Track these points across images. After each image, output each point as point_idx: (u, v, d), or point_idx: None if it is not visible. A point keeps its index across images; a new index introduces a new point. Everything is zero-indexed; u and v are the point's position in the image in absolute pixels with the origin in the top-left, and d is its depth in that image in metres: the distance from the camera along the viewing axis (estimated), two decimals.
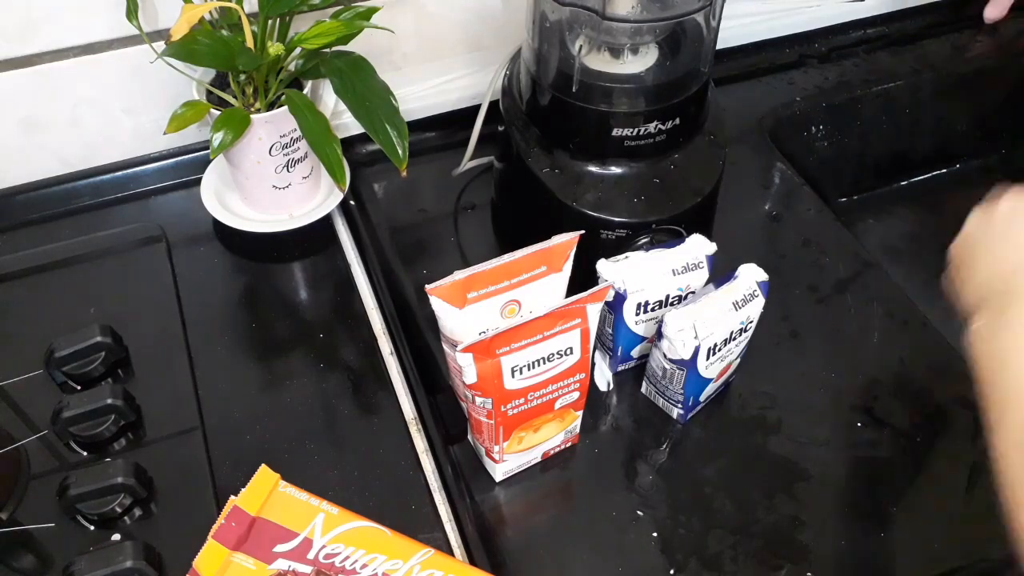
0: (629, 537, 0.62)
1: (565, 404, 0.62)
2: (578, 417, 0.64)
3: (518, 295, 0.59)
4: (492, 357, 0.55)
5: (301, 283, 0.78)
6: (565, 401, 0.61)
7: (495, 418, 0.59)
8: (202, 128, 0.75)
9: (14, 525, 0.60)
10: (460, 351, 0.54)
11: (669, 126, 0.67)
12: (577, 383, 0.61)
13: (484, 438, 0.62)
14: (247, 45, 0.66)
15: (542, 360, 0.57)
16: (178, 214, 0.81)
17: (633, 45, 0.68)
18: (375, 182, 0.84)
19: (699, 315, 0.61)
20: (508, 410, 0.59)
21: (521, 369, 0.57)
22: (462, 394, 0.61)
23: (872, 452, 0.67)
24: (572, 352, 0.58)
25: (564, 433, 0.65)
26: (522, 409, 0.59)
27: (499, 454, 0.62)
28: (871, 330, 0.74)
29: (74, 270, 0.76)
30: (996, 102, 1.04)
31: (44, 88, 0.76)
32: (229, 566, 0.54)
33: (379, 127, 0.67)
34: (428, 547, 0.56)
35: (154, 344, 0.70)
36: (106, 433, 0.64)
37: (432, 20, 0.85)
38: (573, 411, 0.63)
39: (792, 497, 0.64)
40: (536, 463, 0.66)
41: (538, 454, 0.65)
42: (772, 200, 0.86)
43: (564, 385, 0.60)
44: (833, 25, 1.00)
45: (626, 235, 0.68)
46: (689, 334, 0.61)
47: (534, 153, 0.70)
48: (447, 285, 0.57)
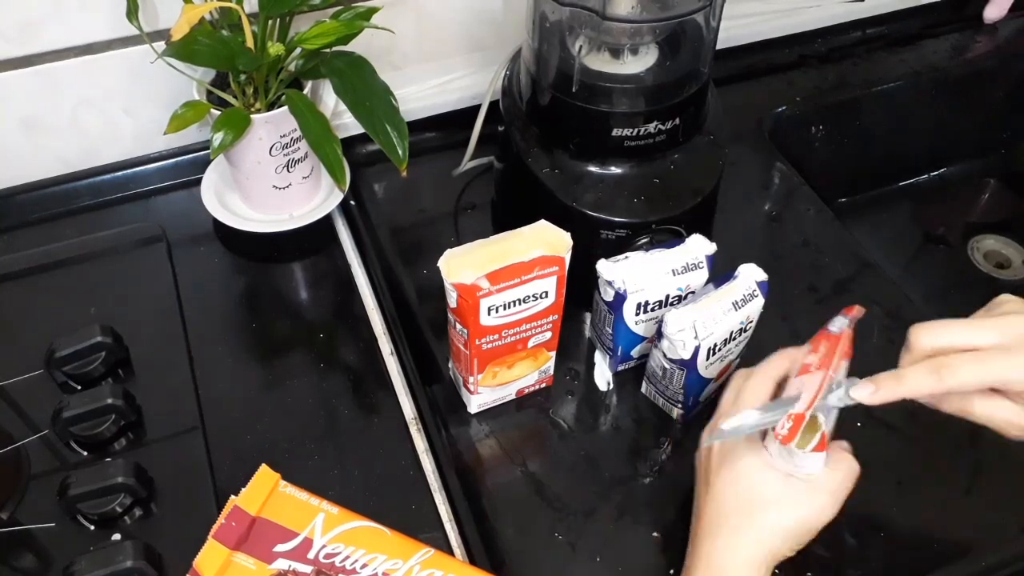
0: (629, 537, 0.62)
1: (538, 343, 0.65)
2: (551, 358, 0.68)
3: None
4: (471, 297, 0.58)
5: (301, 283, 0.78)
6: (538, 340, 0.64)
7: (470, 349, 0.61)
8: (202, 128, 0.75)
9: (14, 525, 0.60)
10: (448, 282, 0.58)
11: (669, 126, 0.67)
12: (550, 324, 0.63)
13: (462, 367, 0.65)
14: (247, 45, 0.66)
15: (518, 301, 0.60)
16: (178, 214, 0.81)
17: (633, 45, 0.68)
18: (375, 182, 0.84)
19: (699, 315, 0.61)
20: (482, 344, 0.61)
21: (497, 308, 0.59)
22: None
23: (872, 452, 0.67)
24: (547, 296, 0.61)
25: (538, 373, 0.68)
26: (496, 345, 0.62)
27: (474, 385, 0.65)
28: (871, 330, 0.74)
29: (74, 270, 0.76)
30: (996, 102, 1.04)
31: (44, 88, 0.76)
32: (229, 566, 0.54)
33: (379, 127, 0.67)
34: (428, 547, 0.56)
35: (154, 344, 0.70)
36: (106, 433, 0.64)
37: (432, 20, 0.85)
38: (546, 351, 0.66)
39: None
40: (510, 399, 0.69)
41: (512, 391, 0.68)
42: (772, 200, 0.86)
43: (537, 325, 0.63)
44: (833, 25, 1.00)
45: (626, 235, 0.68)
46: (689, 334, 0.61)
47: (534, 153, 0.70)
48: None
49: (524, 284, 0.59)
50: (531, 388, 0.69)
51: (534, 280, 0.59)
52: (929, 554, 0.62)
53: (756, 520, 0.52)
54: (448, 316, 0.62)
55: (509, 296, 0.59)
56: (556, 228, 0.60)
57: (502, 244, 0.59)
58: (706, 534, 0.54)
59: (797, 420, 0.51)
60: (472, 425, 0.68)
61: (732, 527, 0.53)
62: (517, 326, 0.62)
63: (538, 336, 0.64)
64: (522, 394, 0.69)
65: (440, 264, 0.58)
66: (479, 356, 0.63)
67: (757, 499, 0.53)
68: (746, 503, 0.53)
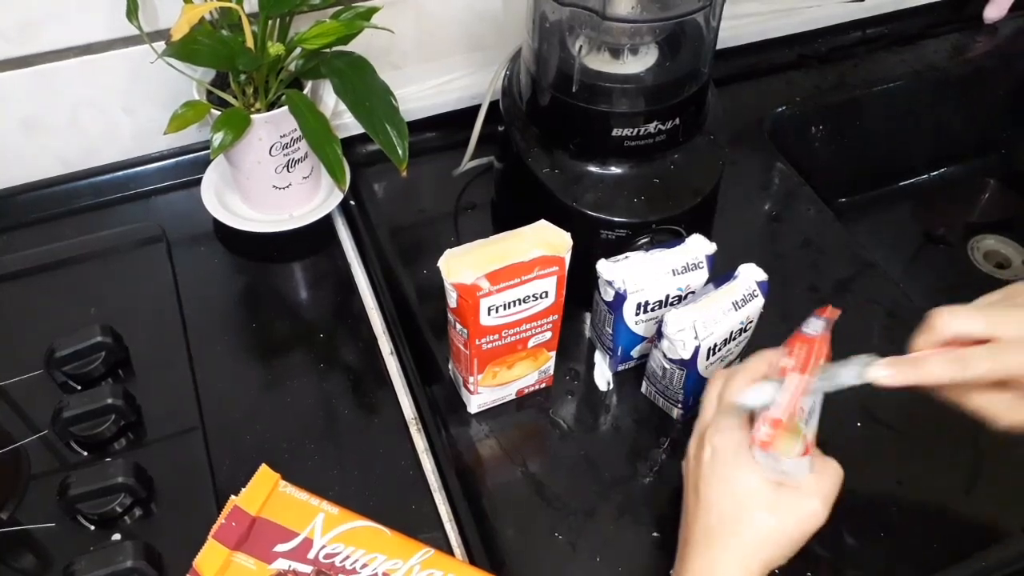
0: (629, 537, 0.62)
1: (538, 343, 0.65)
2: (551, 358, 0.67)
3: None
4: (471, 297, 0.58)
5: (301, 283, 0.78)
6: (538, 340, 0.64)
7: (470, 349, 0.61)
8: (202, 128, 0.75)
9: (14, 525, 0.60)
10: (448, 282, 0.58)
11: (669, 126, 0.67)
12: (550, 324, 0.63)
13: (462, 367, 0.65)
14: (247, 45, 0.66)
15: (518, 301, 0.60)
16: (178, 214, 0.81)
17: (633, 45, 0.68)
18: (375, 182, 0.84)
19: (699, 315, 0.61)
20: (482, 344, 0.61)
21: (497, 308, 0.59)
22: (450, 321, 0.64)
23: (872, 452, 0.67)
24: (547, 296, 0.61)
25: (538, 373, 0.68)
26: (496, 345, 0.62)
27: (474, 385, 0.65)
28: (871, 330, 0.74)
29: (74, 270, 0.76)
30: (996, 102, 1.04)
31: (44, 88, 0.76)
32: (229, 566, 0.54)
33: (379, 127, 0.67)
34: (428, 547, 0.56)
35: (154, 344, 0.70)
36: (106, 433, 0.64)
37: (432, 20, 0.85)
38: (546, 351, 0.66)
39: None
40: (510, 399, 0.69)
41: (512, 391, 0.68)
42: (772, 200, 0.86)
43: (537, 325, 0.63)
44: (833, 25, 1.00)
45: (626, 235, 0.68)
46: (689, 334, 0.61)
47: (534, 153, 0.70)
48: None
49: (524, 284, 0.59)
50: (531, 388, 0.69)
51: (534, 280, 0.59)
52: (929, 554, 0.62)
53: (749, 530, 0.52)
54: (448, 316, 0.62)
55: (509, 296, 0.59)
56: (556, 228, 0.60)
57: (502, 244, 0.59)
58: (698, 545, 0.53)
59: (775, 425, 0.51)
60: (472, 425, 0.68)
61: (725, 538, 0.52)
62: (517, 326, 0.62)
63: (538, 336, 0.64)
64: (522, 394, 0.69)
65: (440, 264, 0.58)
66: (479, 356, 0.63)
67: (749, 508, 0.52)
68: (738, 512, 0.52)
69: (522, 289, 0.59)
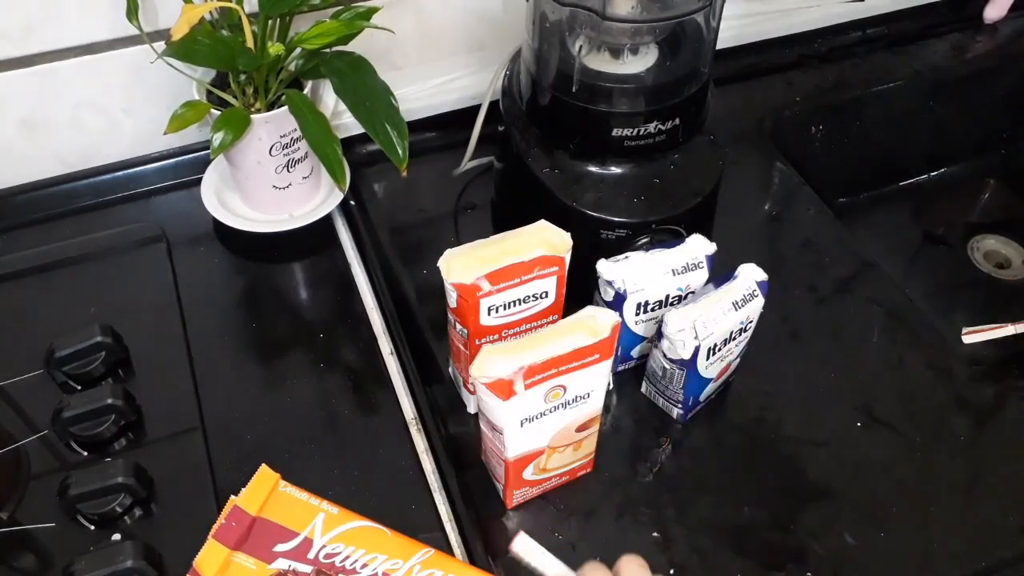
0: (629, 536, 0.62)
1: None
2: None
3: (564, 381, 0.57)
4: (471, 297, 0.58)
5: (301, 283, 0.78)
6: None
7: (470, 349, 0.61)
8: (202, 128, 0.75)
9: (14, 525, 0.60)
10: (448, 282, 0.58)
11: (669, 126, 0.67)
12: (550, 323, 0.63)
13: (462, 367, 0.65)
14: (247, 45, 0.66)
15: (518, 301, 0.60)
16: (178, 214, 0.81)
17: (633, 45, 0.68)
18: (375, 182, 0.84)
19: (699, 315, 0.61)
20: (482, 344, 0.61)
21: (497, 308, 0.59)
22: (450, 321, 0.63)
23: (872, 452, 0.67)
24: (547, 296, 0.61)
25: None
26: None
27: (474, 385, 0.63)
28: (871, 330, 0.74)
29: (74, 270, 0.76)
30: (996, 102, 1.04)
31: (44, 88, 0.76)
32: (229, 566, 0.54)
33: (379, 127, 0.67)
34: (428, 547, 0.56)
35: (154, 344, 0.70)
36: (106, 433, 0.64)
37: (432, 20, 0.85)
38: None
39: (792, 497, 0.64)
40: None
41: None
42: (772, 200, 0.86)
43: (537, 325, 0.62)
44: (833, 25, 1.00)
45: (626, 235, 0.68)
46: (689, 334, 0.61)
47: (534, 153, 0.70)
48: (496, 380, 0.55)
49: (524, 284, 0.59)
50: None
51: (534, 280, 0.59)
52: (929, 554, 0.62)
53: None
54: (448, 316, 0.62)
55: (509, 296, 0.59)
56: (556, 228, 0.60)
57: (502, 244, 0.59)
58: None
59: None
60: (472, 425, 0.68)
61: None
62: (517, 326, 0.61)
63: None
64: None
65: (440, 264, 0.58)
66: None
67: None
68: None
69: (522, 289, 0.59)
